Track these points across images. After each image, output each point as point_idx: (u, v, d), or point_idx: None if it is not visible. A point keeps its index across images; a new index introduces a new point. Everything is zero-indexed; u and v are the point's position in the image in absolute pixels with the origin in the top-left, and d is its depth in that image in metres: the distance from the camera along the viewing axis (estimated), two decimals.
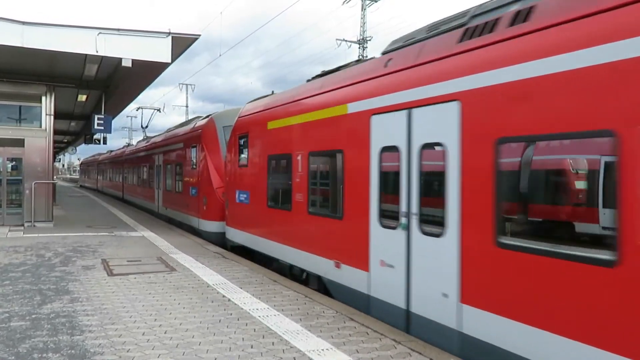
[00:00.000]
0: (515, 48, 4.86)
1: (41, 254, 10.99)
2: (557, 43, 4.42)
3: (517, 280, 4.66)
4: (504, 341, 4.77)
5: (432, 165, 5.99)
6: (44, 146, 16.60)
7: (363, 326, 6.12)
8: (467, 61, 5.44)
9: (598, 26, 4.11)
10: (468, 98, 5.33)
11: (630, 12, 3.89)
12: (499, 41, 5.11)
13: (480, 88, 5.19)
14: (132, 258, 10.63)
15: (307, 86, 9.48)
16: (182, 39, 13.42)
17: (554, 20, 4.55)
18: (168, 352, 5.14)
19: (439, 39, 6.20)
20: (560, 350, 4.24)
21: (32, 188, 16.13)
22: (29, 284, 8.11)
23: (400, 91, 6.40)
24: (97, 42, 12.73)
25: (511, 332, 4.70)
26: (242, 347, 5.33)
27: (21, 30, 12.24)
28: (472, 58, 5.38)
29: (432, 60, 6.03)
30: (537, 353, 4.44)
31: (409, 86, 6.25)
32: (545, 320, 4.37)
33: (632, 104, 3.79)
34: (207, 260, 10.58)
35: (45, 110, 16.66)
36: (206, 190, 14.97)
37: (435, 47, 6.11)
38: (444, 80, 5.70)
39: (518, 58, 4.78)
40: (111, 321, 6.14)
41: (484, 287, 5.06)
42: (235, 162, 12.52)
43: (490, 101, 5.06)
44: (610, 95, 3.96)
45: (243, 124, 12.13)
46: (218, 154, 14.81)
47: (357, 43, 43.56)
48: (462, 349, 5.32)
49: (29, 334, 5.61)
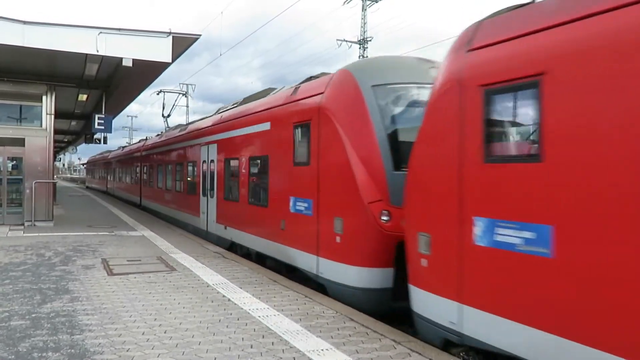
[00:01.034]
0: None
1: (41, 253, 11.00)
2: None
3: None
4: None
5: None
6: (45, 145, 16.58)
7: (363, 326, 6.13)
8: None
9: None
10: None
11: None
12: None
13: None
14: (132, 257, 10.64)
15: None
16: (183, 38, 13.45)
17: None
18: (168, 351, 5.14)
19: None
20: None
21: (32, 187, 16.12)
22: (29, 283, 8.11)
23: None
24: (98, 41, 12.75)
25: None
26: (242, 347, 5.33)
27: (22, 29, 12.25)
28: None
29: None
30: None
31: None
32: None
33: None
34: (207, 260, 10.58)
35: (45, 110, 16.65)
36: (343, 205, 7.79)
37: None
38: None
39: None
40: (111, 320, 6.15)
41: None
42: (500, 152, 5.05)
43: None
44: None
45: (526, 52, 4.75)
46: (368, 136, 7.60)
47: (357, 43, 43.58)
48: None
49: (28, 333, 5.62)
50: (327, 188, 8.15)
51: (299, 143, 9.13)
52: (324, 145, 8.26)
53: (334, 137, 7.94)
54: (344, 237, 7.67)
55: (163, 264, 10.03)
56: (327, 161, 8.19)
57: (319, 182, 8.32)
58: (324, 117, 8.25)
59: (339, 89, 8.29)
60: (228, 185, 13.03)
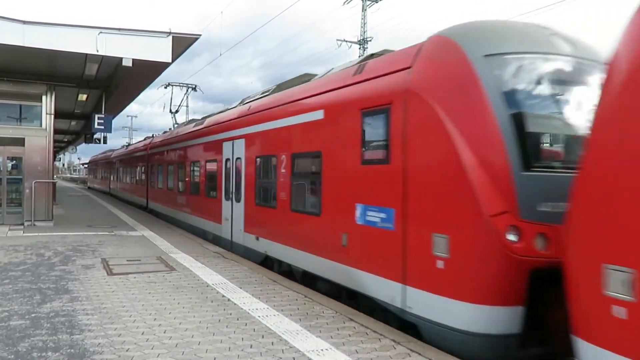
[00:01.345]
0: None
1: (41, 253, 10.99)
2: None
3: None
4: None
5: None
6: (44, 145, 16.58)
7: (362, 326, 6.12)
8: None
9: None
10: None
11: None
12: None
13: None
14: (132, 257, 10.63)
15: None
16: (183, 38, 13.44)
17: None
18: (167, 351, 5.14)
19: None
20: None
21: (32, 187, 16.11)
22: (28, 283, 8.11)
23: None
24: (98, 41, 12.74)
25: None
26: (242, 346, 5.33)
27: (22, 29, 12.25)
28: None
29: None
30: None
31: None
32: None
33: None
34: (207, 260, 10.58)
35: (45, 110, 16.65)
36: (448, 218, 5.77)
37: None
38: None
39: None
40: (111, 320, 6.14)
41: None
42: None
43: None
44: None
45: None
46: (485, 124, 5.61)
47: (357, 43, 43.59)
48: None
49: (28, 333, 5.61)
50: (420, 194, 6.09)
51: (371, 135, 7.10)
52: (414, 137, 6.22)
53: (434, 126, 5.89)
54: (451, 262, 5.61)
55: (163, 263, 10.03)
56: (420, 158, 6.14)
57: (406, 185, 6.28)
58: (415, 99, 6.20)
59: (437, 61, 6.26)
60: (261, 187, 10.87)
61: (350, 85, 7.73)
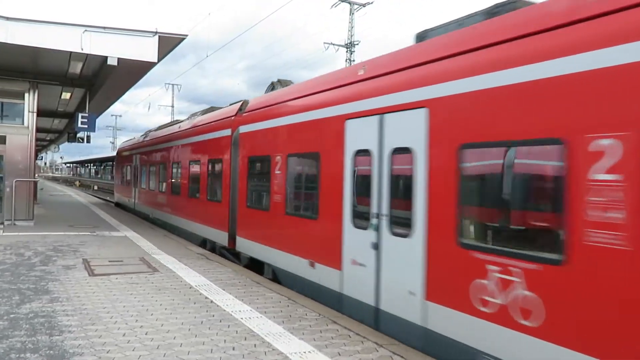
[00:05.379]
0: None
1: (21, 252, 10.82)
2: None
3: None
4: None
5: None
6: (26, 144, 16.36)
7: (345, 329, 6.14)
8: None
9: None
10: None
11: None
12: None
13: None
14: (114, 258, 10.52)
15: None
16: (169, 38, 13.37)
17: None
18: (149, 353, 5.10)
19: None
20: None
21: (12, 186, 15.87)
22: (7, 283, 7.98)
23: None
24: (83, 39, 12.61)
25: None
26: (224, 349, 5.31)
27: (5, 25, 12.06)
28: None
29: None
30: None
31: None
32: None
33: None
34: (190, 261, 10.51)
35: (28, 108, 16.44)
36: None
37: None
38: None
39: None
40: (91, 321, 6.08)
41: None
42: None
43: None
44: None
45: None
46: None
47: (344, 47, 43.81)
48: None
49: (6, 334, 5.52)
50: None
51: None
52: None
53: None
54: None
55: (145, 264, 9.94)
56: None
57: None
58: None
59: None
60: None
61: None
